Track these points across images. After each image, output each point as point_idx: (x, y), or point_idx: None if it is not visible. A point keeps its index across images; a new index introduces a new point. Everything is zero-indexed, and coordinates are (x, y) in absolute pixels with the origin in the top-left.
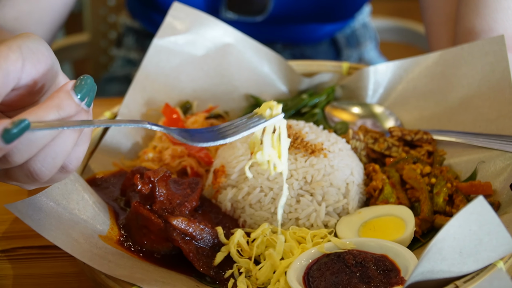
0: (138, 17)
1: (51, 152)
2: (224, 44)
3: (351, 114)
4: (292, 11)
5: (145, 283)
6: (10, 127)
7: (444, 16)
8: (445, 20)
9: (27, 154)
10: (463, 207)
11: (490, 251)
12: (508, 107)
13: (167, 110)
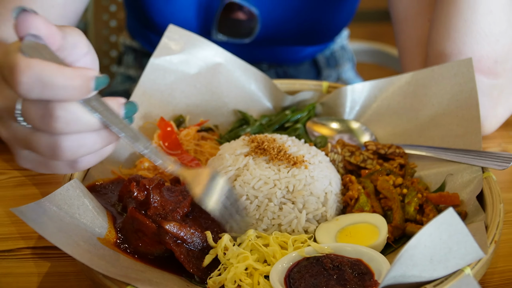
0: (137, 38)
1: (85, 139)
2: (215, 64)
3: (330, 129)
4: (277, 34)
5: (139, 282)
6: (101, 76)
7: (416, 40)
8: (417, 43)
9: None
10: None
11: (458, 259)
12: (475, 124)
13: (162, 123)
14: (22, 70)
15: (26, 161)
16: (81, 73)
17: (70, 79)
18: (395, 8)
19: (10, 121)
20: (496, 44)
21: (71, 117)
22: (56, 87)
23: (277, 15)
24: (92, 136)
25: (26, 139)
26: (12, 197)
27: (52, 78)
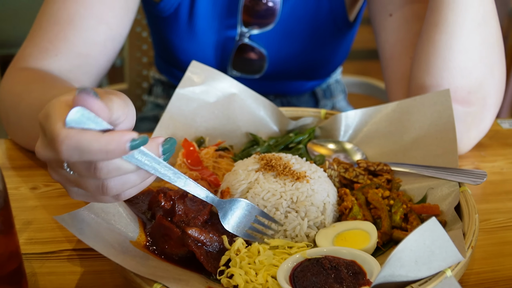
0: (163, 73)
1: (128, 179)
2: (231, 94)
3: (327, 149)
4: (282, 71)
5: (165, 280)
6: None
7: (400, 74)
8: (401, 77)
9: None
10: (417, 225)
11: (440, 261)
12: (452, 145)
13: (186, 144)
14: (62, 140)
15: (77, 195)
16: (116, 138)
17: (105, 145)
18: (382, 48)
19: (59, 169)
20: (469, 77)
21: (112, 167)
22: (93, 153)
23: (283, 55)
24: (133, 176)
25: (75, 182)
26: (56, 206)
27: (89, 146)
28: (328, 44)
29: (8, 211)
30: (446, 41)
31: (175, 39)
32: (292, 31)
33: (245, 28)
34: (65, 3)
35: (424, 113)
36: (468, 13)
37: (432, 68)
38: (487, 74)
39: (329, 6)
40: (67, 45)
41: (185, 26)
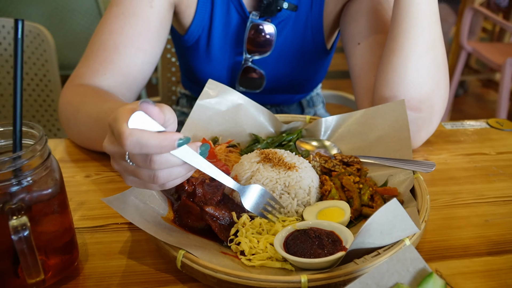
0: (187, 89)
1: (174, 171)
2: (238, 104)
3: (311, 146)
4: (277, 87)
5: (188, 247)
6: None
7: (366, 89)
8: (367, 91)
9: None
10: (381, 203)
11: (400, 232)
12: (407, 142)
13: (204, 142)
14: (126, 137)
15: (132, 183)
16: (168, 137)
17: (160, 142)
18: (352, 69)
19: (121, 160)
20: (420, 91)
21: (163, 160)
22: (150, 147)
23: (277, 75)
24: (178, 169)
25: (132, 171)
26: (104, 190)
27: (147, 141)
28: (311, 67)
29: (63, 196)
30: (402, 63)
31: (196, 63)
32: (284, 56)
33: (249, 55)
34: (111, 34)
35: (385, 118)
36: (420, 41)
37: (391, 84)
38: (434, 87)
39: (312, 38)
40: (113, 67)
41: (203, 54)
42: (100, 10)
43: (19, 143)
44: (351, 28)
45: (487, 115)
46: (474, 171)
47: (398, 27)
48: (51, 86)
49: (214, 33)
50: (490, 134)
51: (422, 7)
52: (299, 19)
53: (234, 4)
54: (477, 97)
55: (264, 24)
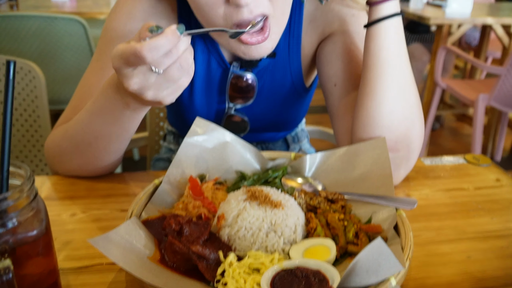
0: (174, 126)
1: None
2: (225, 142)
3: (296, 183)
4: (261, 128)
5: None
6: (179, 26)
7: (345, 129)
8: (345, 131)
9: (183, 46)
10: (366, 240)
11: (386, 271)
12: (388, 179)
13: (191, 180)
14: (142, 50)
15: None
16: (168, 32)
17: (166, 36)
18: (330, 109)
19: (146, 74)
20: (395, 132)
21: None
22: (164, 45)
23: (261, 118)
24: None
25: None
26: (90, 229)
27: (159, 43)
28: (293, 106)
29: (49, 237)
30: (375, 107)
31: (180, 109)
32: (266, 101)
33: (231, 103)
34: (91, 87)
35: (367, 155)
36: (391, 84)
37: (366, 127)
38: (409, 127)
39: (291, 80)
40: None
41: (187, 101)
42: (91, 46)
43: (6, 184)
44: (327, 70)
45: (462, 148)
46: (454, 206)
47: (370, 72)
48: (40, 122)
49: (196, 84)
50: (468, 169)
51: (391, 51)
52: (277, 64)
53: (215, 57)
54: (452, 130)
55: (245, 74)
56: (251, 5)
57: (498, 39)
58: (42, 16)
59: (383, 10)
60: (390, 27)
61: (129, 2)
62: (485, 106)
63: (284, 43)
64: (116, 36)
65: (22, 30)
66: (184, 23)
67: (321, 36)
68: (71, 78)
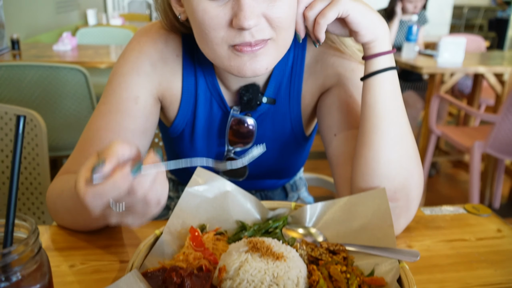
0: (173, 174)
1: (155, 186)
2: (225, 191)
3: (297, 233)
4: (260, 175)
5: None
6: (134, 167)
7: (344, 178)
8: (345, 180)
9: (145, 186)
10: None
11: None
12: (390, 230)
13: (192, 230)
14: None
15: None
16: (118, 176)
17: (114, 183)
18: (330, 158)
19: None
20: (394, 182)
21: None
22: (109, 192)
23: (260, 164)
24: None
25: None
26: (89, 281)
27: (103, 190)
28: (292, 154)
29: None
30: (373, 156)
31: (182, 153)
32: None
33: (231, 147)
34: (98, 130)
35: (367, 206)
36: (388, 135)
37: (365, 176)
38: (408, 177)
39: (291, 128)
40: None
41: (188, 145)
42: (91, 95)
43: (11, 237)
44: (327, 120)
45: (460, 194)
46: (456, 258)
47: (367, 122)
48: (39, 170)
49: (198, 126)
50: (468, 219)
51: (387, 103)
52: (278, 111)
53: (216, 100)
54: (449, 177)
55: (245, 118)
56: (254, 29)
57: (491, 87)
58: (44, 66)
59: (377, 64)
60: (385, 80)
61: (137, 48)
62: (481, 153)
63: (285, 91)
64: (124, 81)
65: (24, 79)
66: (188, 59)
67: (322, 89)
68: (70, 126)
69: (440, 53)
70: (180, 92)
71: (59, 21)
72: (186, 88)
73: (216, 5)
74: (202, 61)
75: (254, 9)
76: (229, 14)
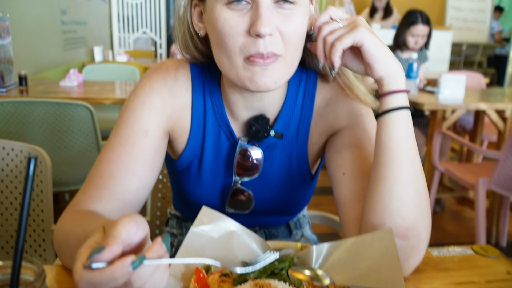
0: (178, 210)
1: (154, 278)
2: (231, 231)
3: (303, 275)
4: (264, 210)
5: None
6: (136, 259)
7: (352, 218)
8: (353, 220)
9: (143, 278)
10: None
11: None
12: (398, 271)
13: (197, 271)
14: (78, 282)
15: None
16: (118, 267)
17: (112, 273)
18: (338, 197)
19: None
20: (406, 219)
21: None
22: (105, 283)
23: (265, 198)
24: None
25: None
26: None
27: (99, 279)
28: (297, 191)
29: None
30: (387, 192)
31: (187, 186)
32: (271, 180)
33: (238, 177)
34: (109, 162)
35: (374, 247)
36: (402, 173)
37: (378, 211)
38: (419, 215)
39: (297, 164)
40: (108, 193)
41: (195, 177)
42: (96, 130)
43: (17, 280)
44: (335, 160)
45: (466, 232)
46: None
47: (381, 159)
48: (43, 206)
49: (205, 158)
50: (477, 261)
51: (402, 141)
52: (285, 146)
53: (224, 131)
54: (453, 214)
55: (252, 149)
56: (267, 40)
57: (493, 123)
58: (50, 102)
59: (392, 102)
60: (399, 118)
61: (148, 84)
62: (486, 190)
63: (293, 128)
64: (135, 115)
65: (31, 115)
66: (197, 93)
67: (330, 130)
68: (74, 161)
69: (441, 90)
70: (189, 124)
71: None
72: (195, 120)
73: (236, 14)
74: (211, 94)
75: (270, 20)
76: (247, 23)
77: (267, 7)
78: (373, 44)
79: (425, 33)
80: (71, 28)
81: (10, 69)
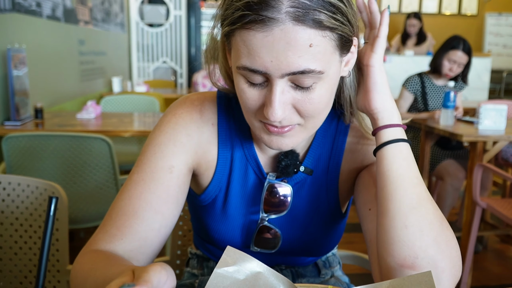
0: (200, 248)
1: None
2: (257, 272)
3: None
4: (291, 250)
5: None
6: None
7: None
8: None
9: None
10: None
11: None
12: None
13: None
14: None
15: None
16: None
17: None
18: (365, 233)
19: None
20: (413, 247)
21: None
22: None
23: (293, 236)
24: None
25: None
26: None
27: None
28: (326, 230)
29: None
30: (389, 223)
31: (211, 222)
32: (299, 217)
33: (265, 214)
34: (131, 199)
35: None
36: (403, 201)
37: (384, 244)
38: (430, 243)
39: (327, 201)
40: (131, 231)
41: (219, 212)
42: (114, 164)
43: None
44: (363, 195)
45: (510, 273)
46: None
47: (381, 191)
48: (58, 245)
49: (231, 193)
50: None
51: (401, 171)
52: (315, 183)
53: (252, 166)
54: (497, 253)
55: (281, 185)
56: (282, 119)
57: None
58: (66, 136)
59: (388, 135)
60: (397, 149)
61: (173, 120)
62: None
63: (323, 164)
64: (160, 151)
65: (47, 149)
66: (223, 127)
67: (360, 166)
68: (90, 197)
69: (481, 120)
70: (216, 159)
71: (84, 89)
72: (221, 155)
73: (253, 88)
74: (238, 128)
75: (283, 105)
76: (262, 100)
77: (281, 91)
78: (380, 72)
79: (462, 61)
80: (89, 58)
81: (25, 102)
